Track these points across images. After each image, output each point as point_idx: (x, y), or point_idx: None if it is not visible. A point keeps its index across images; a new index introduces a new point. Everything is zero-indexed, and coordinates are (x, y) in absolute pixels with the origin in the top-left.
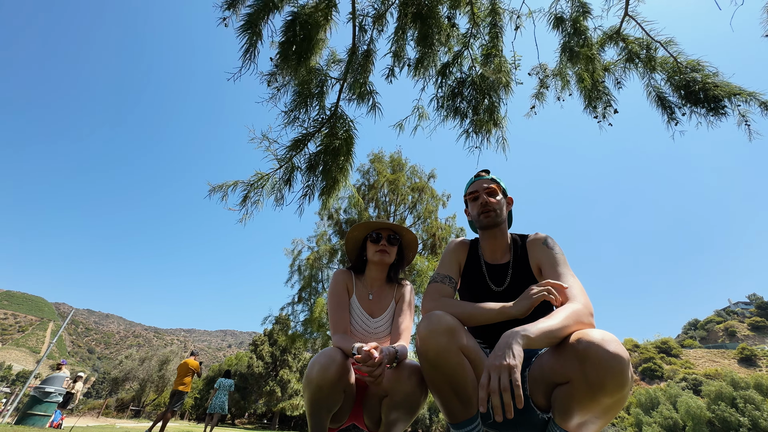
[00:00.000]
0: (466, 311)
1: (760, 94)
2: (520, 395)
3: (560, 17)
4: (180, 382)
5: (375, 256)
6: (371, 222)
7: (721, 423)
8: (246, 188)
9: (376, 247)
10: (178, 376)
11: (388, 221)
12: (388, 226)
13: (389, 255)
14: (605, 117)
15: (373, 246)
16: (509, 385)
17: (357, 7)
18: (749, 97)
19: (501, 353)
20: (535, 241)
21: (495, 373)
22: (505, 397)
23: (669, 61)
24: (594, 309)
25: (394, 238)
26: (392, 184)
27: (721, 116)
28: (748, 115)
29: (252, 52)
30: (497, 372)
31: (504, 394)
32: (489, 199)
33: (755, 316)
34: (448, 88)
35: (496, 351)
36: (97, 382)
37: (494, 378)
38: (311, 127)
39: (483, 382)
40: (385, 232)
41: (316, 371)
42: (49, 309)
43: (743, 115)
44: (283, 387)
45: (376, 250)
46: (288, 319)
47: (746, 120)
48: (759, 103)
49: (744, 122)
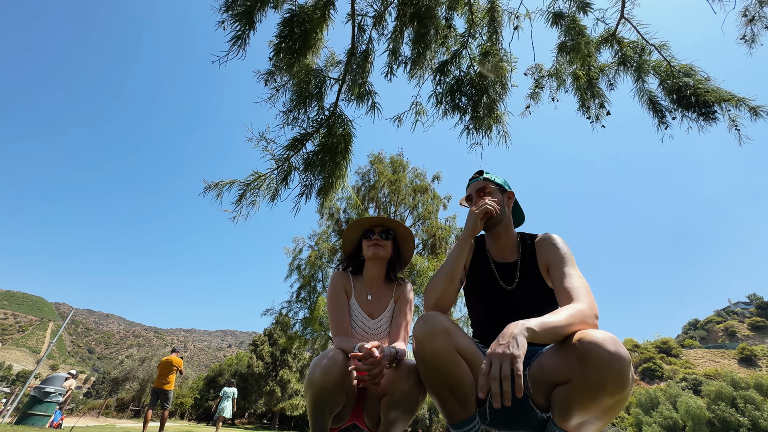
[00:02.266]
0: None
1: (749, 100)
2: (520, 384)
3: (559, 14)
4: (164, 381)
5: (369, 251)
6: (364, 219)
7: (721, 423)
8: (242, 188)
9: (369, 243)
10: (162, 374)
11: (380, 216)
12: (380, 221)
13: (383, 249)
14: (598, 118)
15: (366, 242)
16: (510, 373)
17: (356, 7)
18: (739, 103)
19: (505, 342)
20: (544, 241)
21: (497, 361)
22: (504, 385)
23: (662, 65)
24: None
25: (388, 233)
26: (393, 184)
27: (712, 121)
28: (738, 120)
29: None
30: (499, 360)
31: (504, 382)
32: (482, 200)
33: (755, 316)
34: (447, 85)
35: (499, 339)
36: (97, 382)
37: (495, 365)
38: (310, 127)
39: (484, 369)
40: (378, 228)
41: (319, 373)
42: (49, 309)
43: (733, 120)
44: (283, 387)
45: (369, 245)
46: (288, 318)
47: (736, 125)
48: (749, 108)
49: (734, 127)
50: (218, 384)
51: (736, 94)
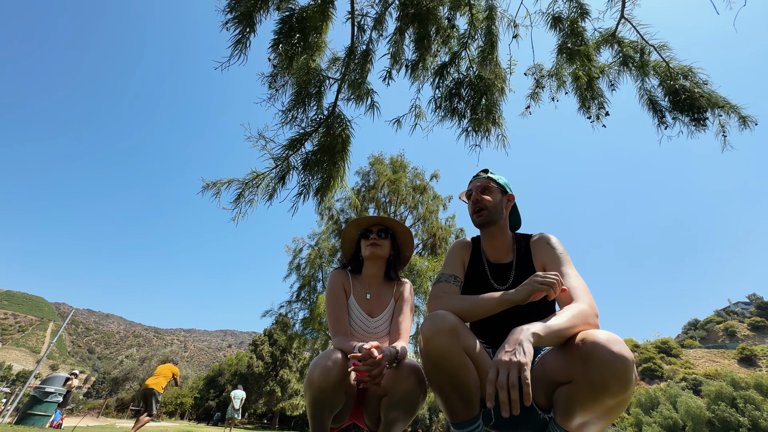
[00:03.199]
0: (469, 303)
1: (741, 108)
2: (528, 393)
3: (558, 17)
4: (159, 383)
5: (367, 250)
6: (361, 219)
7: (721, 423)
8: (240, 187)
9: (367, 242)
10: (160, 376)
11: (378, 216)
12: (378, 220)
13: (381, 248)
14: (599, 118)
15: (364, 242)
16: (518, 382)
17: (356, 7)
18: (731, 110)
19: (511, 349)
20: (539, 241)
21: (504, 369)
22: (513, 393)
23: (662, 66)
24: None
25: (386, 232)
26: (393, 184)
27: (703, 128)
28: (726, 127)
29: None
30: (506, 368)
31: (512, 390)
32: (480, 197)
33: (755, 316)
34: (446, 89)
35: (505, 347)
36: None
37: (503, 373)
38: (309, 126)
39: (491, 377)
40: (375, 227)
41: (318, 373)
42: (49, 309)
43: (722, 126)
44: (283, 387)
45: (368, 245)
46: (287, 318)
47: (723, 131)
48: (738, 116)
49: (721, 133)
50: (218, 384)
51: (729, 101)
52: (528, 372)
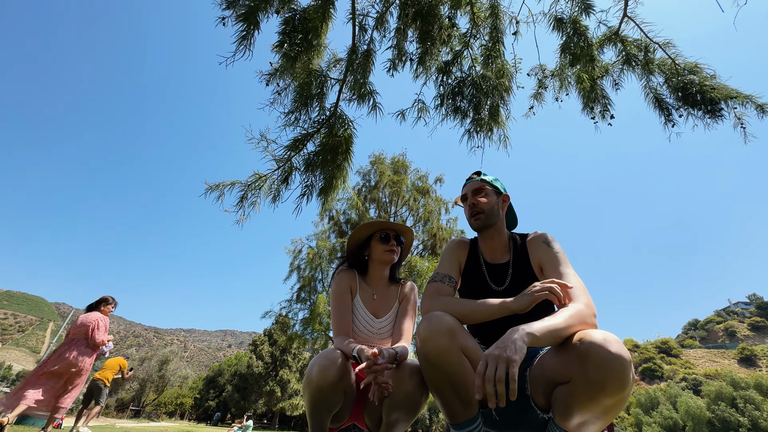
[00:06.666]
0: (467, 307)
1: (756, 97)
2: (514, 389)
3: (560, 18)
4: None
5: (385, 255)
6: (381, 221)
7: (721, 423)
8: (243, 189)
9: (386, 247)
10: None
11: (394, 222)
12: (399, 228)
13: (397, 255)
14: (604, 117)
15: (382, 245)
16: (504, 376)
17: (357, 6)
18: (745, 100)
19: (503, 345)
20: (536, 240)
21: (492, 362)
22: (499, 387)
23: (667, 63)
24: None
25: (401, 239)
26: (395, 184)
27: (718, 119)
28: (744, 118)
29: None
30: (495, 362)
31: (498, 384)
32: (476, 200)
33: (755, 316)
34: (449, 87)
35: (498, 343)
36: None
37: (491, 367)
38: (311, 127)
39: (480, 370)
40: (393, 233)
41: (316, 373)
42: (49, 309)
43: (739, 118)
44: (283, 387)
45: (386, 250)
46: (287, 318)
47: (742, 122)
48: (755, 105)
49: (740, 125)
50: (218, 384)
51: (742, 92)
52: (516, 369)
